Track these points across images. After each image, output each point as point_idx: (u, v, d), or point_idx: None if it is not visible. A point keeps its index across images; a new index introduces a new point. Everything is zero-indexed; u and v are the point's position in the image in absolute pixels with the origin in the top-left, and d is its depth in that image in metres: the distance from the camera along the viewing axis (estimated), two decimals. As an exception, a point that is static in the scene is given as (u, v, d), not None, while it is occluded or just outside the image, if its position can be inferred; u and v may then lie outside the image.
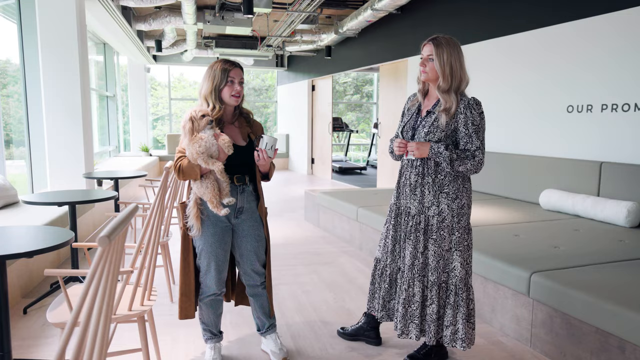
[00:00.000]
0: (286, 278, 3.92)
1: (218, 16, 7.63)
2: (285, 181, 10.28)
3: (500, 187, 5.18)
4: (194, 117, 2.25)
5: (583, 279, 2.61)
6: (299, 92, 11.76)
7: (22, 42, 5.54)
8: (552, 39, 4.63)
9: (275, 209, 7.00)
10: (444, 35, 2.39)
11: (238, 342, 2.79)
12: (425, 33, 6.53)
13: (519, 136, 5.06)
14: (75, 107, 5.39)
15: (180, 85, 21.60)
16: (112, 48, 10.51)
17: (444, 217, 2.36)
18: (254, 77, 20.84)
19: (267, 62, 12.44)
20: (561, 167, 4.47)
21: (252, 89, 21.85)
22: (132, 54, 10.76)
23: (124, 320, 2.07)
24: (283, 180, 10.37)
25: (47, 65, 5.24)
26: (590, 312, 2.38)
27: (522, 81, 5.00)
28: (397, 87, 7.62)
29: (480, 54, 5.54)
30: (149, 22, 7.83)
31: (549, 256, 3.01)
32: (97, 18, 6.72)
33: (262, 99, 21.05)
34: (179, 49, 10.54)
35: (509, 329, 2.90)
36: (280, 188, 9.18)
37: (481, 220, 4.02)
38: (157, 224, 2.17)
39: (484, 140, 2.35)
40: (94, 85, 9.29)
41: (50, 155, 5.39)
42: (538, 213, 4.33)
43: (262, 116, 20.77)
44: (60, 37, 5.26)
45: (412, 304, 2.43)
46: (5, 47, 5.82)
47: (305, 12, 6.66)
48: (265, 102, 20.04)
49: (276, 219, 6.28)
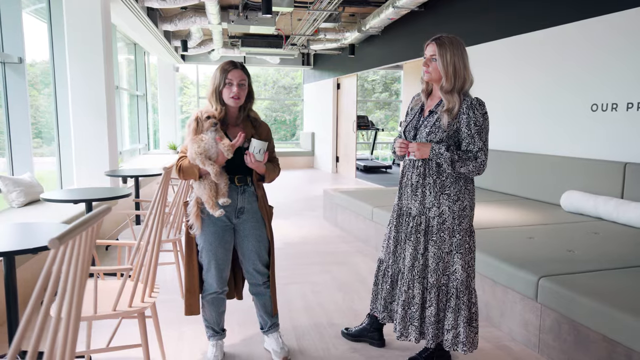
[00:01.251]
0: (298, 277, 3.94)
1: (242, 16, 7.70)
2: (309, 179, 10.31)
3: (521, 188, 5.06)
4: (199, 117, 2.29)
5: (593, 284, 2.53)
6: (324, 91, 11.77)
7: (52, 42, 5.73)
8: (576, 35, 4.49)
9: (295, 207, 7.04)
10: (448, 35, 2.35)
11: (243, 340, 2.82)
12: (449, 30, 6.42)
13: (540, 135, 4.93)
14: (100, 105, 5.56)
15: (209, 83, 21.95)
16: (143, 48, 10.76)
17: (445, 219, 2.32)
18: (284, 75, 21.00)
19: (294, 61, 12.49)
20: (584, 168, 4.33)
21: (282, 87, 22.03)
22: (160, 54, 10.99)
23: (124, 316, 2.12)
24: (307, 179, 10.41)
25: (73, 64, 5.42)
26: (597, 319, 2.30)
27: (546, 79, 4.86)
28: (420, 85, 7.52)
29: (503, 51, 5.41)
30: (175, 23, 7.98)
31: (561, 260, 2.93)
32: (123, 19, 6.90)
33: (292, 97, 21.16)
34: (206, 48, 10.70)
35: (517, 334, 2.84)
36: (304, 186, 9.22)
37: (496, 222, 3.94)
38: (157, 222, 2.21)
39: (488, 142, 2.30)
40: (125, 85, 9.53)
41: (77, 152, 5.57)
42: (558, 215, 4.21)
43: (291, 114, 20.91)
44: (86, 36, 5.43)
45: (411, 305, 2.40)
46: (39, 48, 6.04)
47: (326, 10, 6.66)
48: (294, 100, 20.14)
49: (295, 217, 6.31)
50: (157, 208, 2.20)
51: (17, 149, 4.91)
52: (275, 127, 22.15)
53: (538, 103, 4.96)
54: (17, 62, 4.75)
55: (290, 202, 7.48)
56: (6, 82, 4.74)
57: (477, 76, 5.94)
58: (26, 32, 5.25)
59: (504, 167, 5.29)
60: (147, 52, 11.36)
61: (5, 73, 4.74)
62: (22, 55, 4.78)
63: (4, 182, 4.37)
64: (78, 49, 5.43)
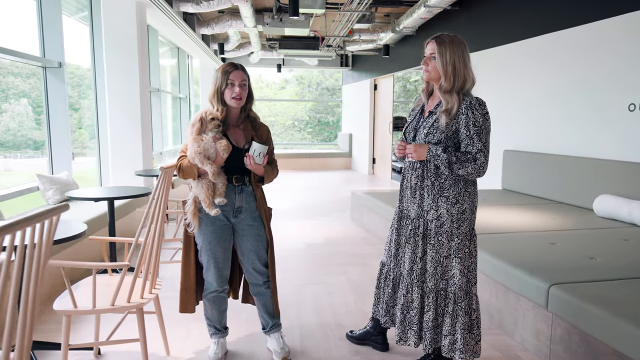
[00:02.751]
0: (314, 277, 3.94)
1: (276, 18, 7.79)
2: (345, 180, 10.29)
3: (554, 192, 4.85)
4: (204, 118, 2.34)
5: (607, 294, 2.39)
6: (361, 92, 11.72)
7: (94, 46, 6.01)
8: (615, 31, 4.25)
9: (325, 208, 7.04)
10: (449, 34, 2.29)
11: (247, 339, 2.85)
12: (484, 28, 6.26)
13: (574, 137, 4.70)
14: (134, 107, 5.79)
15: (257, 86, 22.35)
16: (185, 52, 11.09)
17: (443, 222, 2.26)
18: (328, 77, 21.08)
19: (332, 62, 12.51)
20: (619, 171, 4.10)
21: (326, 89, 22.12)
22: (202, 57, 11.28)
23: (121, 311, 2.19)
24: (343, 180, 10.39)
25: (110, 67, 5.68)
26: (607, 331, 2.17)
27: (580, 77, 4.64)
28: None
29: (540, 49, 5.21)
30: (212, 26, 8.17)
31: (579, 267, 2.78)
32: (161, 23, 7.14)
33: (335, 98, 21.22)
34: (245, 51, 10.89)
35: (529, 343, 2.72)
36: (338, 187, 9.21)
37: (519, 226, 3.80)
38: (157, 219, 2.27)
39: (488, 143, 2.22)
40: (169, 88, 9.86)
41: (112, 152, 5.82)
42: (589, 220, 4.01)
43: (334, 116, 20.95)
44: (122, 40, 5.68)
45: (410, 310, 2.35)
46: (80, 51, 6.35)
47: (357, 11, 6.63)
48: (337, 101, 20.19)
49: (323, 218, 6.31)
50: (157, 206, 2.26)
51: (57, 149, 5.17)
52: (319, 128, 22.25)
53: (572, 103, 4.74)
54: (57, 66, 5.00)
55: (320, 202, 7.50)
56: (47, 86, 5.01)
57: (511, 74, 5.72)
58: (74, 37, 5.58)
59: (536, 169, 5.09)
60: (190, 56, 11.70)
61: (46, 77, 5.01)
62: (62, 60, 5.03)
63: (41, 180, 4.62)
64: (115, 52, 5.68)
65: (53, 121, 5.08)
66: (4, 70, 5.14)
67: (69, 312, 2.14)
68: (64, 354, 2.15)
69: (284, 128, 21.90)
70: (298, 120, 21.87)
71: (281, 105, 21.81)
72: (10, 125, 7.48)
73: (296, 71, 20.82)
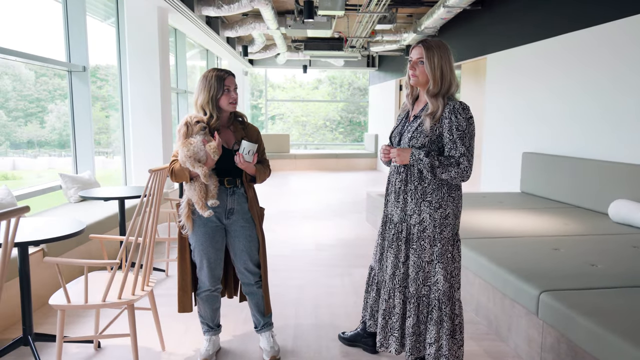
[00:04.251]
0: (319, 279, 3.98)
1: (298, 20, 7.86)
2: (368, 181, 10.27)
3: (571, 195, 4.72)
4: (189, 122, 2.42)
5: (599, 303, 2.33)
6: (387, 92, 11.66)
7: (120, 47, 6.22)
8: (634, 32, 4.11)
9: (342, 209, 7.06)
10: (434, 39, 2.30)
11: (241, 337, 2.92)
12: (506, 28, 6.14)
13: (591, 139, 4.57)
14: (155, 107, 5.98)
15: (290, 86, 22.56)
16: (214, 54, 11.32)
17: (425, 227, 2.26)
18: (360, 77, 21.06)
19: (358, 63, 12.50)
20: (637, 175, 3.96)
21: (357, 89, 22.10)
22: (229, 59, 11.49)
23: (112, 307, 2.30)
24: (367, 180, 10.38)
25: (133, 69, 5.89)
26: (594, 342, 2.12)
27: (597, 76, 4.50)
28: (477, 85, 7.25)
29: (561, 48, 5.08)
30: (236, 29, 8.31)
31: (576, 274, 2.72)
32: (185, 26, 7.33)
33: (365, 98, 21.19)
34: (271, 52, 11.03)
35: (522, 350, 2.68)
36: (360, 188, 9.21)
37: (524, 231, 3.73)
38: (148, 219, 2.36)
39: (472, 147, 2.21)
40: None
41: (135, 152, 6.02)
42: (602, 225, 3.89)
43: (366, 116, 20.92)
44: (144, 42, 5.89)
45: (392, 315, 2.36)
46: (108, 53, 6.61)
47: (376, 12, 6.62)
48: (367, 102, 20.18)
49: (338, 219, 6.34)
50: (151, 205, 2.35)
51: (80, 149, 5.39)
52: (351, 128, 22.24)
53: (587, 104, 4.60)
54: (81, 70, 5.22)
55: (338, 203, 7.53)
56: (72, 89, 5.23)
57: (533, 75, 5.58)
58: (107, 41, 5.85)
59: (554, 172, 4.97)
60: (219, 58, 11.93)
61: (71, 80, 5.23)
62: (86, 64, 5.25)
63: (64, 179, 4.83)
64: (137, 54, 5.89)
65: (77, 122, 5.30)
66: (50, 72, 5.41)
67: (62, 307, 2.25)
68: (58, 346, 2.28)
69: (315, 128, 22.00)
70: (330, 120, 21.94)
71: (313, 106, 21.92)
72: (56, 125, 7.86)
73: (328, 71, 20.90)
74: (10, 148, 8.55)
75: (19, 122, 8.45)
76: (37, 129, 8.87)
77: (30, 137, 8.84)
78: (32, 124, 8.73)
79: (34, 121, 8.70)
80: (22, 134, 8.71)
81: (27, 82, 8.29)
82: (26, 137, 8.80)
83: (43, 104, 8.19)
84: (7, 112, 8.27)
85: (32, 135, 8.85)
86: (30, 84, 8.41)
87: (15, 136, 8.66)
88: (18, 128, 8.57)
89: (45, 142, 8.59)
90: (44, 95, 8.08)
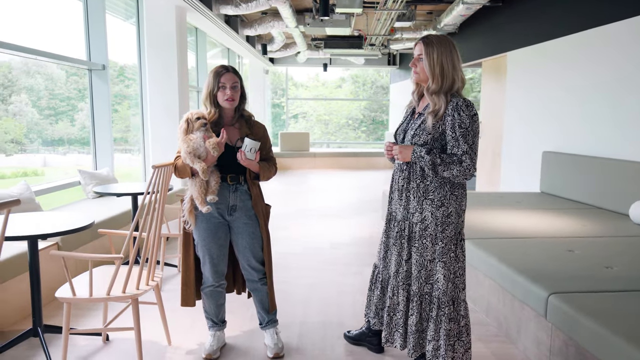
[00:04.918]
0: (331, 278, 3.96)
1: (317, 19, 7.84)
2: (389, 180, 10.18)
3: (592, 196, 4.59)
4: (189, 118, 2.44)
5: (608, 306, 2.26)
6: (408, 90, 11.55)
7: (139, 46, 6.32)
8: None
9: (359, 207, 7.03)
10: (437, 34, 2.26)
11: (247, 334, 2.93)
12: (527, 25, 6.00)
13: (614, 138, 4.43)
14: (173, 105, 6.06)
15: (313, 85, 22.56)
16: (235, 52, 11.41)
17: (427, 225, 2.22)
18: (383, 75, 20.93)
19: (378, 61, 12.43)
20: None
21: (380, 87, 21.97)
22: (250, 58, 11.56)
23: (117, 301, 2.33)
24: (387, 179, 10.29)
25: (151, 67, 5.98)
26: (601, 347, 2.05)
27: (624, 73, 4.36)
28: (498, 83, 7.11)
29: (585, 45, 4.93)
30: (255, 28, 8.35)
31: (589, 276, 2.64)
32: (204, 25, 7.40)
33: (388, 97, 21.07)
34: (291, 51, 11.05)
35: (531, 352, 2.62)
36: (378, 186, 9.15)
37: (540, 232, 3.64)
38: (153, 214, 2.39)
39: (475, 145, 2.16)
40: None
41: (154, 148, 6.11)
42: (621, 227, 3.77)
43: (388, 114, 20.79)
44: (162, 41, 5.97)
45: (396, 312, 2.34)
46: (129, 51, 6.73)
47: (394, 10, 6.56)
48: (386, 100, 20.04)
49: (355, 217, 6.31)
50: (155, 200, 2.37)
51: (100, 147, 5.50)
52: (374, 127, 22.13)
53: (613, 102, 4.46)
54: (100, 68, 5.31)
55: (355, 202, 7.49)
56: (92, 87, 5.34)
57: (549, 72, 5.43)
58: (130, 40, 5.96)
59: (575, 172, 4.84)
60: (240, 57, 12.02)
61: (91, 79, 5.34)
62: (106, 63, 5.34)
63: (83, 175, 4.93)
64: (156, 52, 5.98)
65: (97, 119, 5.40)
66: (80, 71, 5.54)
67: (68, 300, 2.30)
68: (64, 337, 2.32)
69: (338, 127, 21.96)
70: (352, 119, 21.87)
71: (336, 104, 21.88)
72: (85, 123, 8.07)
73: (351, 70, 20.83)
74: (42, 145, 8.80)
75: (50, 120, 8.69)
76: (67, 127, 9.11)
77: (60, 135, 9.08)
78: (63, 122, 8.96)
79: (65, 119, 8.94)
80: (53, 132, 8.96)
81: (58, 81, 8.52)
82: (57, 135, 9.05)
83: (73, 102, 8.40)
84: (39, 111, 8.51)
85: (63, 133, 9.09)
86: (61, 83, 8.64)
87: (47, 134, 8.91)
88: (49, 126, 8.81)
89: (74, 139, 8.82)
90: (74, 94, 8.28)
